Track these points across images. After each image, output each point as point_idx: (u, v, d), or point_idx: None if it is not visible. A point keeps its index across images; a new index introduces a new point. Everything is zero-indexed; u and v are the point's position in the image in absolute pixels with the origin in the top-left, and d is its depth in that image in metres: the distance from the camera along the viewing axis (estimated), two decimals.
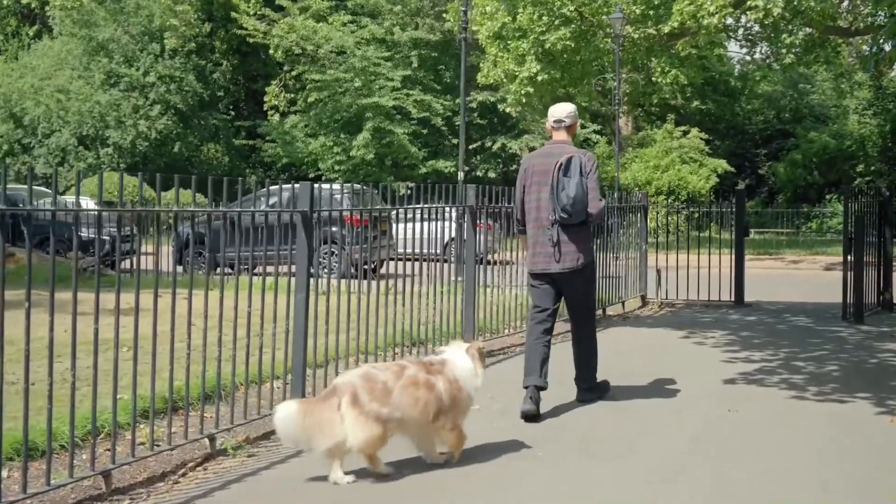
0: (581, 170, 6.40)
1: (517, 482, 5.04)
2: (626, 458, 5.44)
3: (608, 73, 32.34)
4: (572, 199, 6.37)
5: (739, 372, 7.92)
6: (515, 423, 6.24)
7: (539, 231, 6.61)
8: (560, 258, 6.51)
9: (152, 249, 5.64)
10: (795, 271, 22.31)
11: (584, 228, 6.59)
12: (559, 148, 6.66)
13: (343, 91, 36.75)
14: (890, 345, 9.40)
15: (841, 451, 5.53)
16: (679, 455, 5.49)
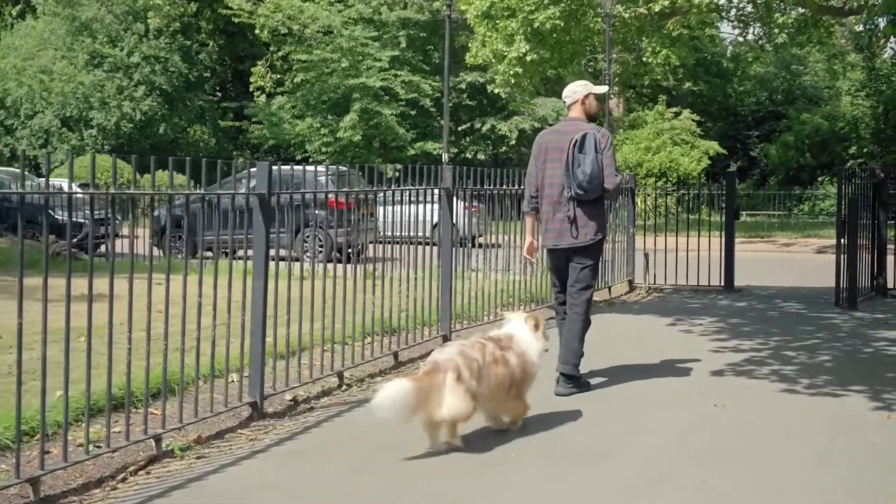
0: (596, 146, 6.45)
1: (484, 489, 4.65)
2: (606, 460, 5.05)
3: (599, 53, 31.88)
4: (588, 175, 6.42)
5: (728, 363, 7.52)
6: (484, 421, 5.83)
7: (554, 207, 6.66)
8: (572, 233, 6.58)
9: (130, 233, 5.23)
10: (787, 254, 21.97)
11: (599, 204, 6.64)
12: (573, 125, 6.70)
13: (330, 71, 36.23)
14: (885, 332, 9.03)
15: (835, 451, 5.15)
16: (664, 457, 5.10)
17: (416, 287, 8.06)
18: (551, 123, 37.99)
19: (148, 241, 5.91)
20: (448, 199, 8.40)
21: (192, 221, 6.17)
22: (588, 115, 6.83)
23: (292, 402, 6.34)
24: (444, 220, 8.45)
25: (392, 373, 7.34)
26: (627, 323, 9.89)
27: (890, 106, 36.05)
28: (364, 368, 7.30)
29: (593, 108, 6.87)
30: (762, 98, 45.98)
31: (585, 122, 6.76)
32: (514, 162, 40.80)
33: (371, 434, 5.59)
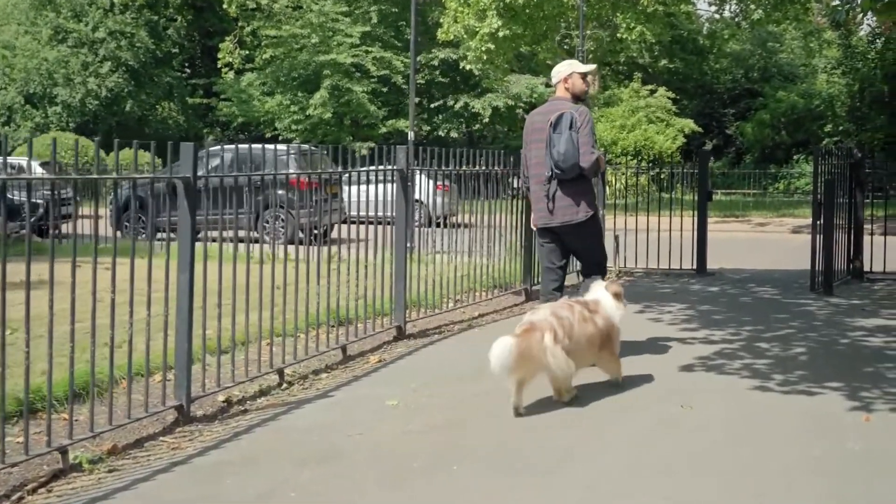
0: (571, 124, 6.51)
1: None
2: (557, 473, 4.57)
3: (573, 29, 31.33)
4: (563, 154, 6.50)
5: (697, 356, 7.06)
6: (434, 426, 5.36)
7: (540, 187, 6.76)
8: (555, 212, 6.67)
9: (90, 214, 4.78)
10: (762, 234, 21.61)
11: (581, 183, 6.67)
12: (555, 104, 6.81)
13: (300, 48, 35.52)
14: (861, 321, 8.61)
15: (810, 462, 4.69)
16: (621, 469, 4.63)
17: (370, 274, 7.56)
18: (525, 101, 37.55)
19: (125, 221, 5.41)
20: (402, 180, 7.88)
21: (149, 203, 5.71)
22: (573, 95, 6.88)
23: (225, 403, 5.84)
24: (399, 203, 7.93)
25: (339, 368, 6.86)
26: None
27: (865, 84, 35.76)
28: (309, 364, 6.81)
29: (577, 87, 6.89)
30: (738, 76, 45.64)
31: (569, 101, 6.81)
32: (487, 140, 40.29)
33: (307, 440, 5.11)
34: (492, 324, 8.77)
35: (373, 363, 7.02)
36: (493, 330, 8.36)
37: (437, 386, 6.26)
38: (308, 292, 6.83)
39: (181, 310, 5.41)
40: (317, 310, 6.94)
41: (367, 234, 7.96)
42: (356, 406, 5.81)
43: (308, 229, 8.14)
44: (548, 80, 38.32)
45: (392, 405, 5.79)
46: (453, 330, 8.38)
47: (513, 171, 10.39)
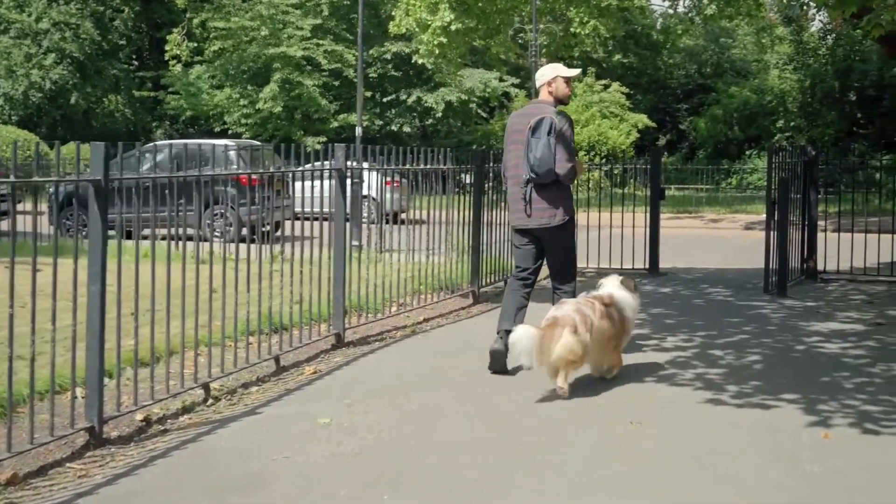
0: (551, 130, 6.51)
1: None
2: (496, 501, 4.23)
3: (527, 24, 31.05)
4: (538, 159, 6.51)
5: (648, 364, 6.75)
6: (366, 448, 4.97)
7: (517, 189, 6.77)
8: (531, 214, 6.67)
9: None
10: (715, 231, 21.49)
11: (558, 187, 6.68)
12: (537, 107, 6.82)
13: (249, 40, 34.84)
14: (816, 325, 8.37)
15: (769, 486, 4.38)
16: (567, 495, 4.29)
17: (309, 276, 7.15)
18: (478, 96, 37.20)
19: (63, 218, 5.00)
20: (341, 180, 7.49)
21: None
22: (556, 99, 6.84)
23: (143, 422, 5.41)
24: (337, 203, 7.54)
25: (271, 380, 6.45)
26: (540, 313, 9.04)
27: (816, 80, 35.90)
28: (239, 376, 6.39)
29: (560, 90, 6.85)
30: (691, 71, 45.71)
31: (551, 105, 6.79)
32: (441, 135, 39.90)
33: (228, 465, 4.72)
34: (437, 329, 8.42)
35: (308, 375, 6.63)
36: (436, 336, 8.03)
37: (372, 401, 5.89)
38: (237, 297, 6.41)
39: (92, 323, 4.98)
40: (247, 317, 6.52)
41: (312, 233, 7.58)
42: (285, 425, 5.42)
43: (252, 228, 7.75)
44: (501, 76, 38.24)
45: (323, 423, 5.41)
46: (395, 337, 8.00)
47: (463, 167, 10.06)
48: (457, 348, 7.50)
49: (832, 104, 35.52)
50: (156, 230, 5.67)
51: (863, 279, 11.19)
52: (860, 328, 8.18)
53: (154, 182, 5.63)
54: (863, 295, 10.15)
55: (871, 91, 34.79)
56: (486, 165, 10.23)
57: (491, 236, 10.39)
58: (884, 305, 9.43)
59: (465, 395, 6.07)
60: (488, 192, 10.38)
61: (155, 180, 5.67)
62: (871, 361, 6.83)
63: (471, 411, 5.67)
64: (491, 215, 10.35)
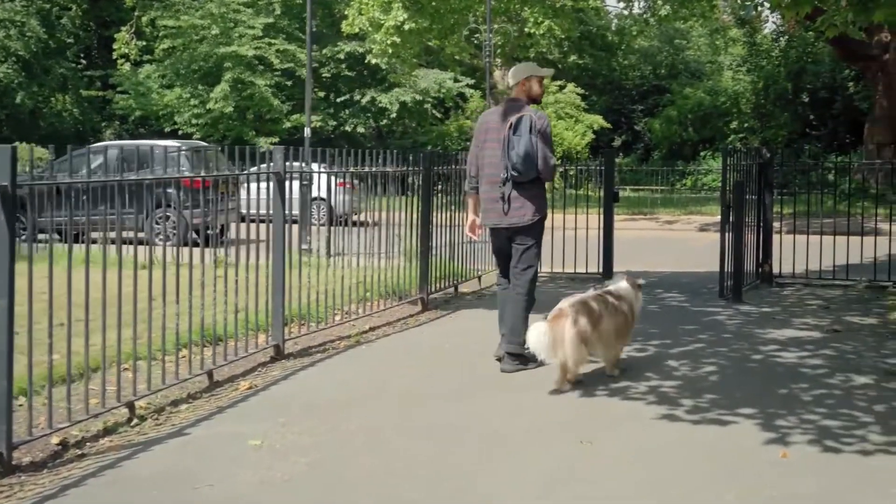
0: (531, 128, 6.60)
1: None
2: None
3: (481, 24, 30.78)
4: (521, 157, 6.59)
5: (600, 377, 6.47)
6: (297, 473, 4.63)
7: (492, 188, 6.80)
8: (511, 213, 6.73)
9: None
10: (670, 233, 21.36)
11: (535, 186, 6.76)
12: (513, 106, 6.83)
13: (199, 39, 34.19)
14: (773, 332, 8.15)
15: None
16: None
17: (250, 282, 6.80)
18: (433, 96, 36.88)
19: None
20: (279, 184, 7.13)
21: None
22: (529, 98, 6.94)
23: (60, 446, 5.02)
24: (275, 207, 7.17)
25: (203, 397, 6.08)
26: (491, 322, 8.73)
27: (770, 81, 36.06)
28: (169, 392, 6.02)
29: (534, 90, 6.96)
30: (646, 72, 45.77)
31: (526, 104, 6.87)
32: (396, 135, 39.51)
33: (146, 496, 4.36)
34: (383, 339, 8.08)
35: (242, 390, 6.26)
36: (381, 347, 7.70)
37: (309, 419, 5.54)
38: (178, 306, 6.03)
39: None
40: (177, 328, 6.13)
41: (258, 237, 7.23)
42: (214, 447, 5.06)
43: (197, 231, 7.40)
44: (456, 76, 37.93)
45: (254, 445, 5.06)
46: (339, 347, 7.65)
47: (412, 168, 9.73)
48: (402, 360, 7.17)
49: (785, 106, 35.71)
50: (85, 235, 5.30)
51: (818, 283, 11.03)
52: (817, 335, 7.97)
53: (78, 186, 5.25)
54: (819, 300, 9.97)
55: (824, 93, 35.02)
56: (434, 167, 9.92)
57: (441, 240, 10.09)
58: (840, 311, 9.25)
59: (408, 412, 5.75)
60: (439, 194, 10.09)
61: (86, 184, 5.29)
62: (830, 372, 6.61)
63: (414, 431, 5.35)
64: (442, 218, 10.05)
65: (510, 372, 6.64)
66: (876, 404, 5.77)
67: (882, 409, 5.65)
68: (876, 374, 6.51)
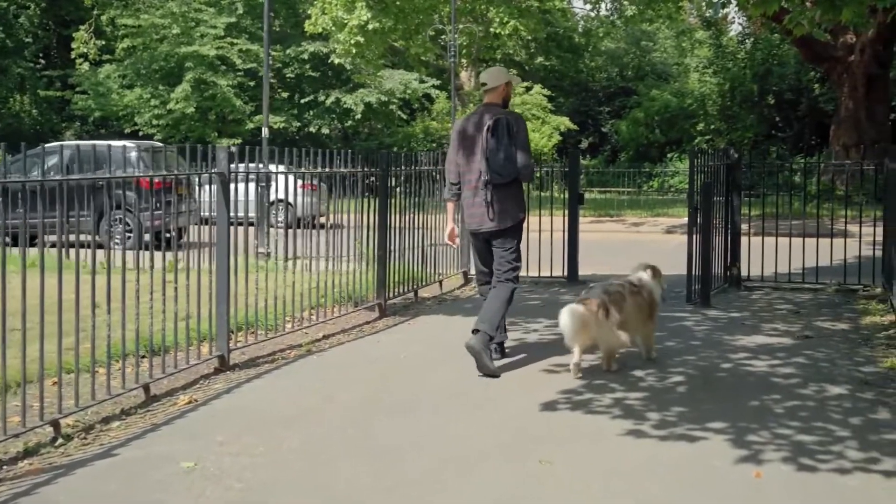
0: (509, 130, 6.66)
1: None
2: None
3: (447, 24, 30.44)
4: (501, 160, 6.66)
5: (563, 389, 6.12)
6: (229, 501, 4.23)
7: (473, 192, 6.84)
8: (494, 217, 6.76)
9: None
10: (636, 235, 21.09)
11: (514, 188, 6.83)
12: (490, 110, 6.86)
13: (160, 38, 33.58)
14: (742, 338, 7.85)
15: None
16: None
17: (195, 290, 6.39)
18: (399, 97, 36.48)
19: None
20: (223, 185, 6.72)
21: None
22: (504, 103, 7.02)
23: None
24: (219, 211, 6.77)
25: (138, 413, 5.66)
26: (451, 329, 8.42)
27: (736, 83, 36.05)
28: (101, 409, 5.60)
29: (509, 95, 7.09)
30: (613, 74, 45.70)
31: (501, 107, 6.93)
32: (362, 136, 39.08)
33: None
34: (336, 347, 7.70)
35: (181, 405, 5.85)
36: (333, 357, 7.32)
37: (249, 437, 5.15)
38: (101, 316, 5.62)
39: None
40: (108, 338, 5.71)
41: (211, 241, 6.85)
42: (142, 470, 4.65)
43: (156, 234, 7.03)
44: (422, 77, 37.55)
45: (187, 468, 4.66)
46: (289, 357, 7.26)
47: (371, 169, 9.35)
48: (354, 371, 6.79)
49: (751, 107, 35.70)
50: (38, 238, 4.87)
51: (788, 286, 10.77)
52: (788, 342, 7.67)
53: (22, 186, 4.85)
54: (789, 304, 9.69)
55: (789, 94, 35.05)
56: (392, 168, 9.55)
57: (401, 243, 9.72)
58: (810, 315, 8.97)
59: (356, 428, 5.36)
60: (399, 196, 9.73)
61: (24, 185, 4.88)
62: (802, 381, 6.30)
63: (361, 449, 4.96)
64: (402, 220, 9.69)
65: (476, 350, 6.47)
66: (851, 417, 5.46)
67: (858, 423, 5.34)
68: (850, 384, 6.21)
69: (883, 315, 8.87)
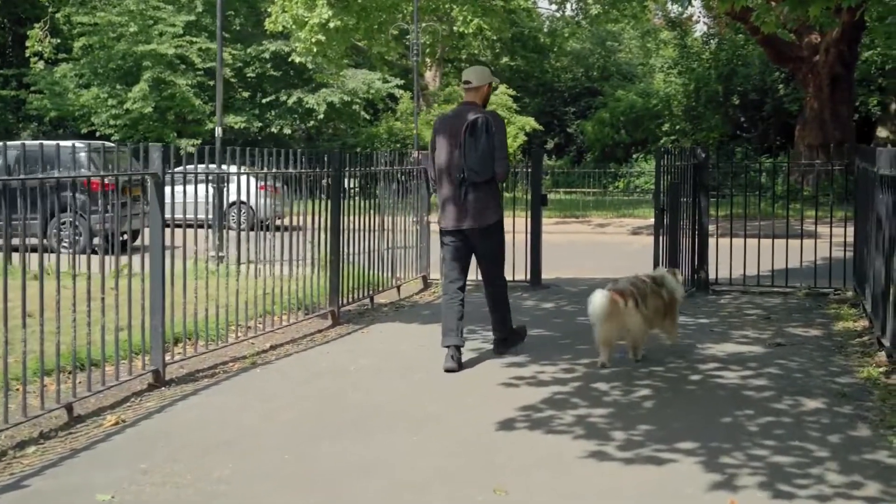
0: (487, 129, 6.73)
1: None
2: None
3: (410, 22, 29.99)
4: (478, 158, 6.72)
5: (522, 406, 5.69)
6: None
7: (449, 189, 6.89)
8: (469, 215, 6.82)
9: None
10: (602, 236, 20.77)
11: (491, 187, 6.92)
12: (470, 109, 6.95)
13: (117, 37, 32.82)
14: (712, 346, 7.48)
15: None
16: None
17: (131, 299, 5.92)
18: (362, 97, 35.96)
19: None
20: (156, 187, 6.24)
21: None
22: (484, 103, 7.11)
23: None
24: (153, 214, 6.29)
25: (59, 436, 5.18)
26: (406, 338, 8.00)
27: (701, 83, 35.87)
28: (15, 433, 5.10)
29: (489, 96, 7.24)
30: (578, 74, 45.45)
31: (481, 106, 7.03)
32: (325, 136, 38.52)
33: None
34: (283, 359, 7.22)
35: (107, 427, 5.37)
36: (278, 369, 6.86)
37: (176, 462, 4.69)
38: (27, 329, 5.13)
39: None
40: (23, 355, 5.23)
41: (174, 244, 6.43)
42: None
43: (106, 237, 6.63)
44: (385, 77, 37.06)
45: (102, 502, 4.18)
46: (231, 370, 6.79)
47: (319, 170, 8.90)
48: (299, 385, 6.33)
49: (716, 108, 35.56)
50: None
51: (757, 290, 10.43)
52: (760, 350, 7.31)
53: None
54: (759, 309, 9.34)
55: (754, 95, 34.95)
56: (346, 168, 9.11)
57: (357, 247, 9.28)
58: (781, 321, 8.63)
59: (295, 454, 4.90)
60: (355, 197, 9.29)
61: None
62: (777, 395, 5.92)
63: (298, 478, 4.51)
64: (359, 222, 9.26)
65: (504, 354, 7.11)
66: (830, 434, 5.09)
67: (837, 441, 4.97)
68: (827, 397, 5.84)
69: (855, 320, 8.55)
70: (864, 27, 22.65)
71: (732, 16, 24.30)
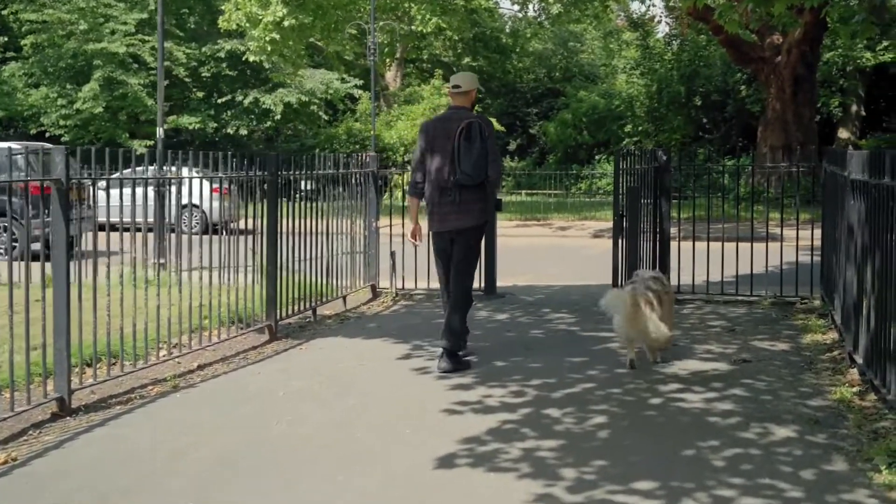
0: (481, 134, 6.82)
1: None
2: None
3: (368, 21, 29.39)
4: (473, 162, 6.79)
5: (464, 438, 5.12)
6: None
7: (440, 192, 6.93)
8: (459, 216, 6.90)
9: None
10: (563, 239, 20.31)
11: (480, 190, 6.96)
12: (458, 113, 7.04)
13: (66, 35, 31.92)
14: (674, 363, 6.96)
15: None
16: None
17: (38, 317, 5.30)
18: (319, 97, 35.27)
19: None
20: (60, 194, 5.61)
21: None
22: (471, 107, 7.19)
23: None
24: (55, 224, 5.66)
25: None
26: (345, 355, 7.42)
27: (663, 85, 35.58)
28: None
29: (475, 100, 7.29)
30: (541, 75, 45.07)
31: (470, 111, 7.10)
32: (283, 138, 37.80)
33: None
34: (209, 381, 6.62)
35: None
36: (201, 394, 6.25)
37: None
38: None
39: None
40: None
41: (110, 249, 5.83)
42: None
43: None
44: (342, 76, 36.42)
45: None
46: (149, 395, 6.17)
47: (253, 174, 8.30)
48: (219, 414, 5.73)
49: (678, 109, 35.28)
50: None
51: (720, 299, 9.96)
52: (724, 368, 6.81)
53: None
54: (723, 320, 8.85)
55: (716, 96, 34.71)
56: (284, 172, 8.52)
57: (299, 254, 8.70)
58: (747, 333, 8.14)
59: (207, 497, 4.31)
60: (299, 202, 8.72)
61: None
62: (744, 421, 5.41)
63: None
64: (301, 228, 8.68)
65: (447, 371, 6.71)
66: (803, 469, 4.58)
67: (811, 478, 4.46)
68: (798, 424, 5.34)
69: (824, 332, 8.08)
70: (826, 28, 22.37)
71: (695, 15, 23.97)
